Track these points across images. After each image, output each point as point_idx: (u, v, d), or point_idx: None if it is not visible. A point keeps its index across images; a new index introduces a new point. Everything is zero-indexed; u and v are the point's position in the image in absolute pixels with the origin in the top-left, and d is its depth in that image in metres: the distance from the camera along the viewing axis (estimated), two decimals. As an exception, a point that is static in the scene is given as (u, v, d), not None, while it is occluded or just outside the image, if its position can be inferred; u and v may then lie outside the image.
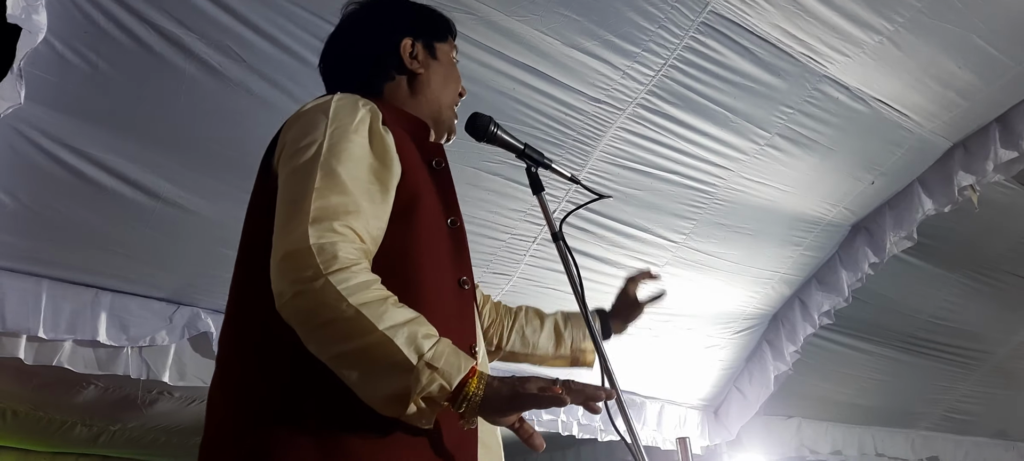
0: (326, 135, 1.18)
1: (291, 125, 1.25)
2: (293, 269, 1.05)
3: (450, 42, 1.52)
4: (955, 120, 3.55)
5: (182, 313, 3.13)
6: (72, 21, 2.27)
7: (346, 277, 1.03)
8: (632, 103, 3.09)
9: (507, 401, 1.06)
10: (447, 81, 1.48)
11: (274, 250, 1.09)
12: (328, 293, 1.02)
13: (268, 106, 2.66)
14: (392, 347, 1.01)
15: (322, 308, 1.03)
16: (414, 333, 1.03)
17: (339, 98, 1.25)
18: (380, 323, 1.01)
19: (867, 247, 4.11)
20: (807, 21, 2.91)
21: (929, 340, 5.09)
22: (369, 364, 1.02)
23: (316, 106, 1.25)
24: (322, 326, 1.04)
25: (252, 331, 1.20)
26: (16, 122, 2.40)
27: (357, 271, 1.05)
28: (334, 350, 1.04)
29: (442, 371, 1.02)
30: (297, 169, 1.16)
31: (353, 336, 1.02)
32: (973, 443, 6.10)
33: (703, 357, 4.53)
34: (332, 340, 1.04)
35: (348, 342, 1.02)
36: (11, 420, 4.05)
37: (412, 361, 1.00)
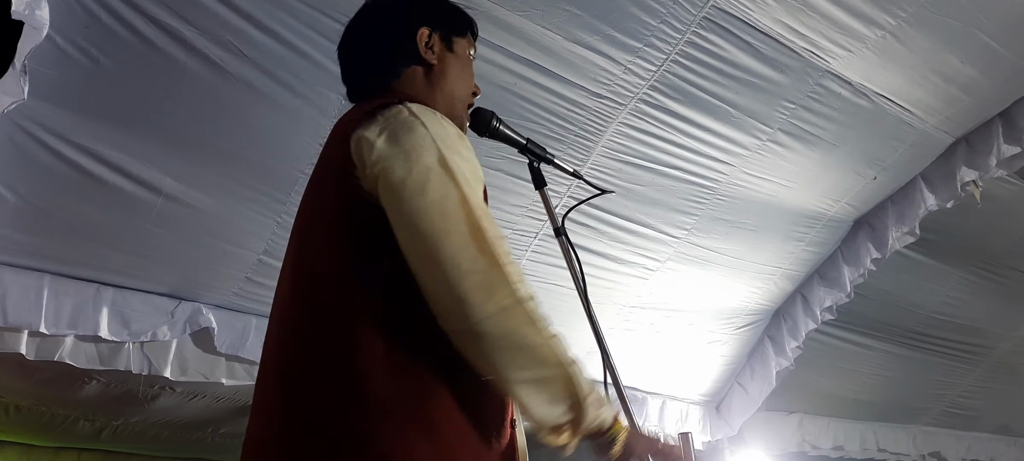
0: (447, 154, 1.19)
1: (390, 141, 1.20)
2: (490, 291, 1.12)
3: (469, 39, 1.51)
4: (958, 115, 3.55)
5: (184, 308, 3.13)
6: (74, 17, 2.27)
7: (536, 306, 1.15)
8: (634, 98, 3.08)
9: (636, 452, 1.24)
10: (462, 76, 1.47)
11: (455, 268, 1.12)
12: (526, 319, 1.13)
13: (270, 101, 2.66)
14: (575, 383, 1.15)
15: (521, 333, 1.13)
16: (582, 372, 1.16)
17: (422, 113, 1.24)
18: (565, 357, 1.15)
19: (869, 242, 4.11)
20: (809, 16, 2.90)
21: (931, 335, 5.08)
22: (554, 392, 1.14)
23: (411, 120, 1.23)
24: (518, 349, 1.13)
25: (367, 340, 1.17)
26: (19, 117, 2.41)
27: (537, 301, 1.15)
28: (524, 374, 1.14)
29: (602, 413, 1.18)
30: (441, 188, 1.16)
31: (546, 364, 1.14)
32: (975, 439, 6.10)
33: (705, 352, 4.53)
34: (524, 364, 1.13)
35: (540, 369, 1.14)
36: (13, 415, 4.05)
37: (586, 398, 1.15)
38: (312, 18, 2.50)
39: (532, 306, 1.14)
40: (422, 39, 1.43)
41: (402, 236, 1.16)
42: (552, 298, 3.59)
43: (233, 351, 3.24)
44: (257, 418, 1.26)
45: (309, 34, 2.54)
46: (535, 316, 1.14)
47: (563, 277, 1.55)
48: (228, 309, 3.26)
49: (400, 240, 1.16)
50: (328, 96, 2.68)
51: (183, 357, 3.19)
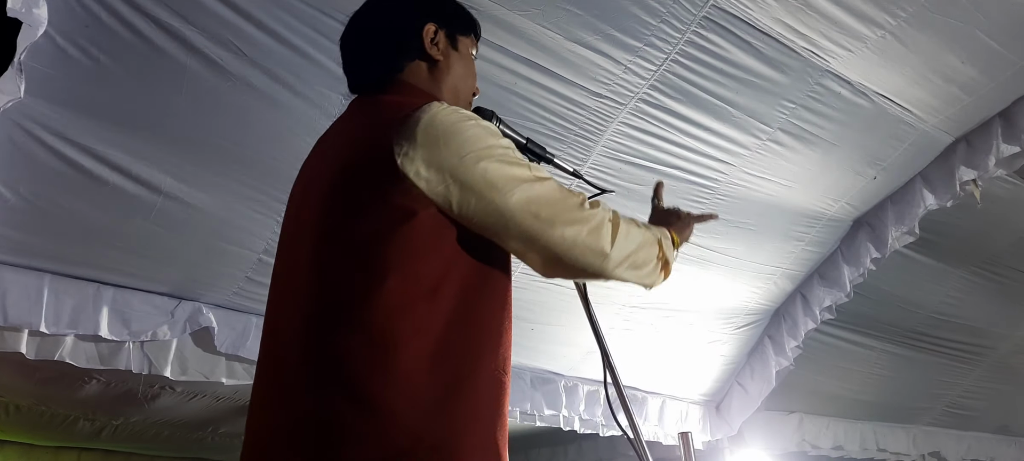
0: (498, 143, 1.28)
1: (443, 135, 1.23)
2: (606, 236, 1.34)
3: (472, 38, 1.53)
4: (957, 115, 3.55)
5: (184, 308, 3.13)
6: (73, 15, 2.27)
7: (617, 219, 1.41)
8: (634, 98, 3.08)
9: (685, 228, 1.68)
10: (466, 74, 1.49)
11: (567, 229, 1.29)
12: (626, 238, 1.40)
13: (270, 100, 2.66)
14: (658, 252, 1.50)
15: (635, 255, 1.41)
16: (655, 234, 1.51)
17: (457, 109, 1.29)
18: (649, 239, 1.47)
19: (869, 242, 4.11)
20: (809, 15, 2.90)
21: (931, 335, 5.08)
22: (653, 269, 1.49)
23: (455, 113, 1.27)
24: (633, 262, 1.41)
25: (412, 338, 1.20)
26: (17, 116, 2.40)
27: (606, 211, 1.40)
28: (643, 272, 1.46)
29: (673, 249, 1.57)
30: (508, 164, 1.27)
31: (646, 263, 1.46)
32: (975, 438, 6.10)
33: (705, 352, 4.53)
34: (637, 265, 1.43)
35: (645, 268, 1.46)
36: (13, 414, 4.05)
37: (667, 252, 1.53)
38: (312, 18, 2.50)
39: (618, 224, 1.37)
40: (428, 35, 1.44)
41: (503, 231, 1.26)
42: (552, 298, 3.60)
43: (233, 350, 3.24)
44: (269, 415, 1.25)
45: (309, 33, 2.54)
46: (628, 230, 1.39)
47: (563, 276, 1.56)
48: (228, 309, 3.26)
49: (498, 233, 1.27)
50: (329, 95, 2.68)
51: (183, 356, 3.19)
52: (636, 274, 1.43)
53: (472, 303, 1.25)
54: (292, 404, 1.20)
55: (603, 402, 4.32)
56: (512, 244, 1.29)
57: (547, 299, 3.62)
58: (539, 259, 1.31)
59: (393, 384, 1.15)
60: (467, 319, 1.23)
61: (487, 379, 1.24)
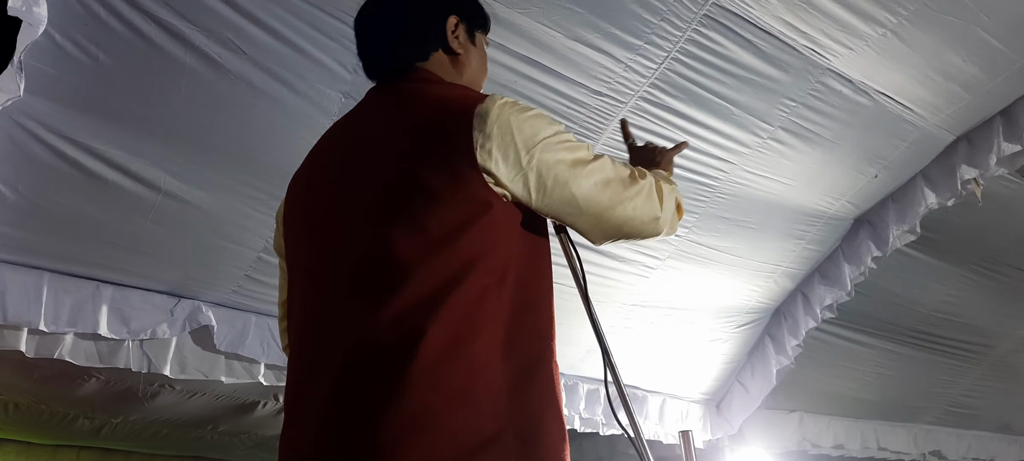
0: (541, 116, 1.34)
1: (514, 126, 1.26)
2: (655, 201, 1.44)
3: (487, 35, 1.58)
4: (958, 113, 3.54)
5: (183, 306, 3.13)
6: (73, 13, 2.27)
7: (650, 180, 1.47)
8: (634, 96, 3.08)
9: (669, 165, 1.76)
10: (481, 69, 1.54)
11: (628, 204, 1.39)
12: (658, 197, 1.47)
13: (269, 98, 2.65)
14: (674, 191, 1.55)
15: (671, 207, 1.51)
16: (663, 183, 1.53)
17: (508, 99, 1.31)
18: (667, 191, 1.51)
19: (870, 241, 4.10)
20: (810, 14, 2.90)
21: (932, 334, 5.08)
22: (674, 204, 1.53)
23: (517, 103, 1.30)
24: (672, 215, 1.51)
25: (485, 334, 1.21)
26: (17, 114, 2.40)
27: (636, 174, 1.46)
28: (676, 222, 1.55)
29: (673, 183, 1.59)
30: (572, 149, 1.33)
31: (674, 204, 1.53)
32: (975, 437, 6.09)
33: (705, 351, 4.53)
34: (674, 218, 1.53)
35: (674, 203, 1.53)
36: (12, 413, 4.05)
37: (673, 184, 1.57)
38: (311, 15, 2.50)
39: (659, 185, 1.46)
40: (451, 26, 1.47)
41: (576, 214, 1.35)
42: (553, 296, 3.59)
43: (232, 349, 3.24)
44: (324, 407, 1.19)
45: (308, 31, 2.53)
46: (663, 187, 1.47)
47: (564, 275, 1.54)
48: (227, 307, 3.26)
49: (570, 216, 1.36)
50: (328, 93, 2.68)
51: (182, 355, 3.19)
52: (674, 226, 1.52)
53: (530, 289, 1.30)
54: (362, 397, 1.15)
55: (603, 400, 4.31)
56: (581, 223, 1.38)
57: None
58: (601, 233, 1.41)
59: (474, 374, 1.16)
60: (529, 305, 1.28)
61: (552, 363, 1.29)
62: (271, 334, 3.32)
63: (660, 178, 1.52)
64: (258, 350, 3.30)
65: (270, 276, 3.16)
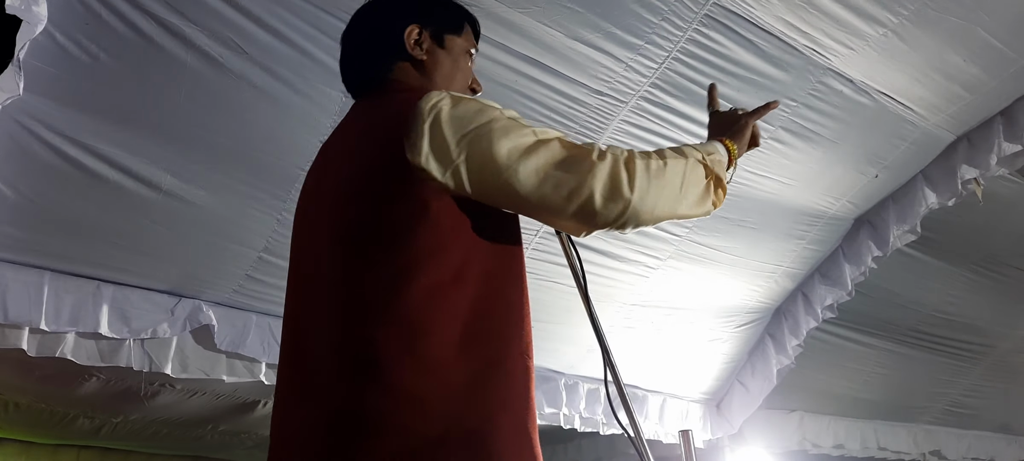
0: (480, 106, 1.30)
1: (444, 120, 1.25)
2: (623, 182, 1.28)
3: (466, 37, 1.53)
4: (959, 113, 3.54)
5: (184, 305, 3.13)
6: (73, 12, 2.27)
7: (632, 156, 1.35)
8: (635, 96, 3.08)
9: (741, 132, 1.59)
10: (454, 72, 1.49)
11: (581, 190, 1.25)
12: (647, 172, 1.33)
13: (270, 98, 2.65)
14: (701, 168, 1.41)
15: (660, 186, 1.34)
16: (689, 153, 1.41)
17: (445, 94, 1.30)
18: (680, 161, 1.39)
19: (870, 240, 4.10)
20: (811, 14, 2.89)
21: (932, 334, 5.08)
22: (696, 189, 1.40)
23: (451, 96, 1.29)
24: (669, 195, 1.35)
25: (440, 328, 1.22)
26: (17, 114, 2.40)
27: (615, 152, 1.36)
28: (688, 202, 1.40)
29: (720, 158, 1.47)
30: (510, 135, 1.26)
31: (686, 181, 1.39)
32: (975, 437, 6.09)
33: (705, 351, 4.53)
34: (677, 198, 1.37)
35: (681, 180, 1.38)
36: (13, 412, 4.05)
37: (712, 168, 1.42)
38: (313, 15, 2.50)
39: (634, 163, 1.29)
40: (411, 36, 1.45)
41: (523, 206, 1.27)
42: (552, 296, 3.59)
43: (233, 348, 3.24)
44: (298, 411, 1.25)
45: (310, 31, 2.53)
46: (649, 164, 1.31)
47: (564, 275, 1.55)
48: (228, 306, 3.26)
49: (518, 208, 1.29)
50: (329, 93, 2.68)
51: (183, 354, 3.19)
52: (681, 205, 1.35)
53: (494, 286, 1.26)
54: (322, 398, 1.21)
55: (603, 400, 4.31)
56: (531, 212, 1.29)
57: (547, 297, 3.61)
58: (568, 223, 1.31)
59: (424, 372, 1.17)
60: (492, 303, 1.25)
61: (516, 362, 1.25)
62: (272, 333, 3.32)
63: (680, 153, 1.37)
64: (259, 349, 3.30)
65: (271, 276, 3.16)
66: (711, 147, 1.45)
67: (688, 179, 1.35)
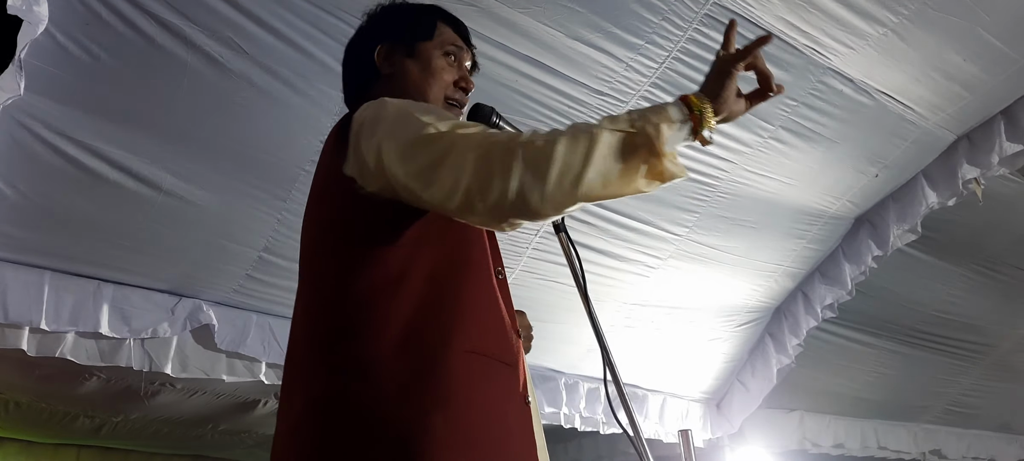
0: (400, 108, 1.28)
1: (367, 124, 1.28)
2: (514, 169, 1.16)
3: (442, 37, 1.54)
4: (959, 113, 3.54)
5: (184, 305, 3.13)
6: (74, 12, 2.27)
7: (533, 137, 1.21)
8: (635, 96, 3.08)
9: (717, 79, 1.20)
10: (425, 76, 1.51)
11: (470, 180, 1.16)
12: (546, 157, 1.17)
13: (270, 98, 2.65)
14: (622, 134, 1.17)
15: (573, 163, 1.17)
16: (611, 122, 1.19)
17: (379, 100, 1.33)
18: (589, 130, 1.18)
19: (871, 240, 4.10)
20: (811, 13, 2.89)
21: (932, 333, 5.08)
22: (621, 160, 1.16)
23: (380, 101, 1.32)
24: (580, 173, 1.16)
25: (376, 326, 1.25)
26: (18, 114, 2.40)
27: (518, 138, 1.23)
28: (610, 180, 1.18)
29: (659, 123, 1.16)
30: (412, 131, 1.23)
31: (585, 157, 1.16)
32: (975, 437, 6.09)
33: (705, 350, 4.53)
34: (591, 178, 1.16)
35: (591, 166, 1.15)
36: (13, 411, 4.05)
37: (640, 131, 1.16)
38: (313, 15, 2.50)
39: (534, 144, 1.14)
40: (380, 56, 1.52)
41: (422, 203, 1.22)
42: (552, 295, 3.59)
43: (233, 348, 3.25)
44: (282, 408, 1.33)
45: (310, 31, 2.53)
46: (555, 139, 1.14)
47: (563, 274, 1.55)
48: (228, 306, 3.26)
49: (421, 205, 1.22)
50: (329, 93, 2.68)
51: (183, 354, 3.19)
52: (581, 188, 1.12)
53: (443, 285, 1.26)
54: (294, 398, 1.27)
55: (603, 400, 4.31)
56: (438, 207, 1.21)
57: (547, 296, 3.61)
58: (477, 218, 1.20)
59: (362, 376, 1.20)
60: (437, 302, 1.25)
61: (460, 360, 1.22)
62: (272, 333, 3.32)
63: (612, 121, 1.16)
64: (259, 349, 3.30)
65: (271, 275, 3.16)
66: (654, 111, 1.16)
67: (578, 157, 1.12)
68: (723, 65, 1.20)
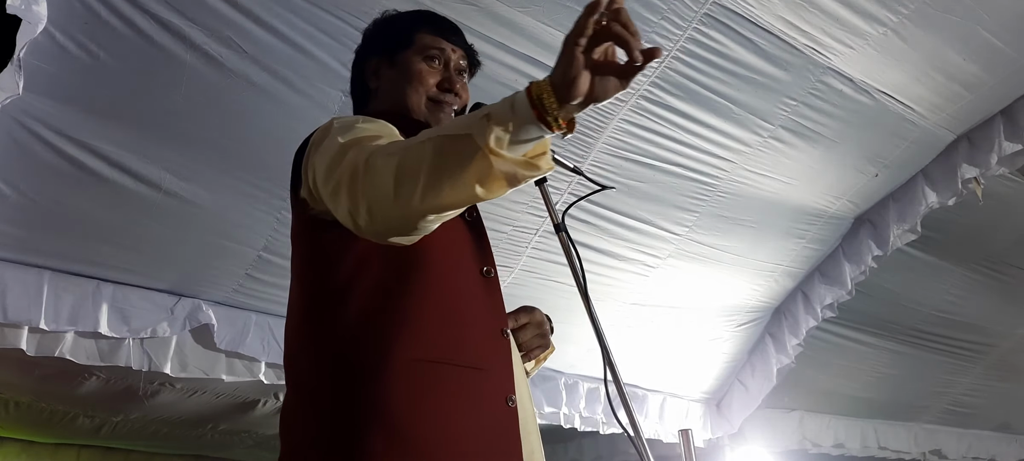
0: (334, 131, 1.26)
1: (312, 146, 1.31)
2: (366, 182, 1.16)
3: (421, 42, 1.53)
4: (959, 112, 3.54)
5: (183, 305, 3.13)
6: (73, 12, 2.26)
7: (375, 150, 1.16)
8: (635, 95, 3.07)
9: (559, 59, 1.05)
10: (401, 84, 1.51)
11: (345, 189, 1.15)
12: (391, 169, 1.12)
13: (269, 97, 2.65)
14: (454, 138, 1.06)
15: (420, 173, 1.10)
16: (445, 129, 1.11)
17: (334, 119, 1.35)
18: (424, 142, 1.12)
19: (870, 240, 4.10)
20: (811, 12, 2.89)
21: (932, 333, 5.08)
22: (462, 168, 1.04)
23: (318, 131, 1.34)
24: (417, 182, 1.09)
25: (306, 340, 1.33)
26: (17, 113, 2.40)
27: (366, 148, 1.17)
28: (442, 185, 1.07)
29: (488, 122, 1.03)
30: (332, 149, 1.20)
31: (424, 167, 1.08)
32: (975, 436, 6.09)
33: (706, 350, 4.53)
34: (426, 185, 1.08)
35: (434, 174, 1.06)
36: (13, 411, 4.05)
37: (475, 136, 1.02)
38: (313, 14, 2.49)
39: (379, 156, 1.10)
40: (369, 71, 1.56)
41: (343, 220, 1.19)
42: (552, 295, 3.59)
43: (233, 347, 3.24)
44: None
45: (310, 30, 2.53)
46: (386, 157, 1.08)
47: (563, 274, 1.55)
48: (228, 305, 3.26)
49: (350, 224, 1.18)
50: (329, 92, 2.67)
51: (183, 353, 3.19)
52: (414, 199, 1.05)
53: (389, 294, 1.26)
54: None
55: (603, 399, 4.31)
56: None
57: (546, 296, 3.61)
58: (368, 238, 1.16)
59: (299, 391, 1.27)
60: (379, 313, 1.25)
61: (400, 368, 1.21)
62: (271, 333, 3.32)
63: (442, 127, 1.12)
64: (258, 349, 3.30)
65: (271, 275, 3.16)
66: (496, 106, 1.06)
67: (411, 170, 1.05)
68: (565, 44, 1.05)
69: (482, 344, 1.31)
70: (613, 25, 1.03)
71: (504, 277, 3.59)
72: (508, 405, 1.30)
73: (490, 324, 1.34)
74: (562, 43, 1.04)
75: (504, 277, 3.59)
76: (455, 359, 1.26)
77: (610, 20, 1.02)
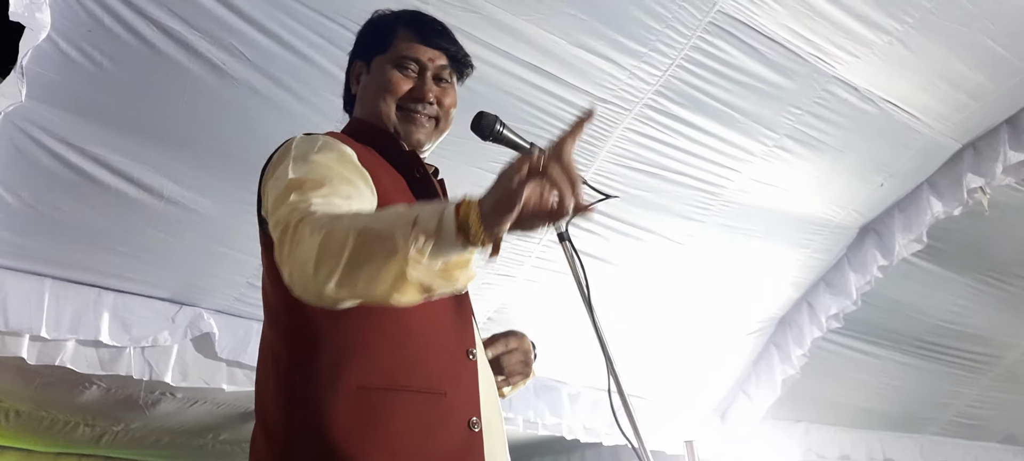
0: (291, 159, 1.27)
1: (270, 170, 1.33)
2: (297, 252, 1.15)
3: (397, 46, 1.50)
4: (964, 121, 3.52)
5: (185, 313, 3.12)
6: (76, 19, 2.26)
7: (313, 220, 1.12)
8: (639, 103, 3.07)
9: (495, 183, 0.97)
10: (376, 91, 1.49)
11: (298, 261, 1.11)
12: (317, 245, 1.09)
13: (273, 105, 2.64)
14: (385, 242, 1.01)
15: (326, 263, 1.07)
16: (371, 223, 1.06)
17: (297, 138, 1.36)
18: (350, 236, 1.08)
19: (876, 249, 4.08)
20: (816, 21, 2.88)
21: (938, 344, 5.05)
22: (383, 272, 1.00)
23: (280, 151, 1.35)
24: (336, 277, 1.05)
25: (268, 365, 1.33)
26: (21, 121, 2.40)
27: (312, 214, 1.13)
28: (357, 286, 1.05)
29: (421, 217, 0.98)
30: (282, 186, 1.22)
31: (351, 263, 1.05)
32: (982, 448, 6.05)
33: (710, 360, 4.50)
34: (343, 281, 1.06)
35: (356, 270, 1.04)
36: (14, 420, 4.04)
37: (408, 246, 0.98)
38: (315, 22, 2.49)
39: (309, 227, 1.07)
40: (353, 75, 1.57)
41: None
42: (555, 305, 3.58)
43: (234, 357, 3.23)
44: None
45: (312, 38, 2.53)
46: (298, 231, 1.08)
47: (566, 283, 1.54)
48: (229, 314, 3.25)
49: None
50: (332, 100, 2.66)
51: (184, 362, 3.18)
52: (329, 286, 1.03)
53: (340, 320, 1.19)
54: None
55: (607, 410, 4.29)
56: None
57: (549, 305, 3.60)
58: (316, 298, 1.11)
59: (266, 433, 1.25)
60: (329, 337, 1.22)
61: (348, 400, 1.18)
62: (273, 342, 3.31)
63: (373, 220, 1.06)
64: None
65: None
66: (427, 212, 1.00)
67: (336, 249, 1.01)
68: (501, 175, 0.97)
69: (444, 367, 1.27)
70: (553, 169, 0.96)
71: (506, 287, 3.58)
72: (471, 429, 1.24)
73: (454, 345, 1.30)
74: (499, 173, 0.98)
75: (506, 287, 3.58)
76: (409, 385, 1.21)
77: (552, 160, 0.96)
